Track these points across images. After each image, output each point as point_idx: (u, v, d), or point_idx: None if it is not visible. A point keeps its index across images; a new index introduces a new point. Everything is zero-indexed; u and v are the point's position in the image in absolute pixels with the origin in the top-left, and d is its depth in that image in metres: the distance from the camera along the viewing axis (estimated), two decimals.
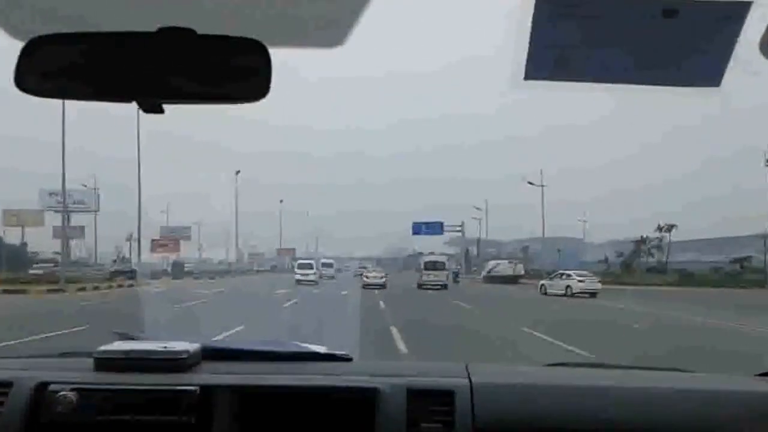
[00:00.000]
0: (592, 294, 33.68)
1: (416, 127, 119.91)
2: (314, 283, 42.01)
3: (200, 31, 1.27)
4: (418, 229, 71.56)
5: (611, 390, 1.85)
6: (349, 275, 62.40)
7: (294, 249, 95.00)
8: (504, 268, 60.71)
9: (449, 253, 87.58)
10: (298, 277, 43.18)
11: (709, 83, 1.29)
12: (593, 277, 36.77)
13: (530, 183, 60.06)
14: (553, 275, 39.02)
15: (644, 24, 1.24)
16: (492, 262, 64.73)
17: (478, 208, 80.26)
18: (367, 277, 39.12)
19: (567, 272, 37.63)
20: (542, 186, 60.09)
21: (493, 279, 57.90)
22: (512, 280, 55.54)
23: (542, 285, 37.68)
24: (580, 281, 35.50)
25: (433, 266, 40.70)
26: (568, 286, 35.13)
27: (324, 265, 56.00)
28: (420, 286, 38.33)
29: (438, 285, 38.20)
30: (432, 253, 51.38)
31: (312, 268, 45.59)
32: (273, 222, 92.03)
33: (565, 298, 32.63)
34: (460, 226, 75.48)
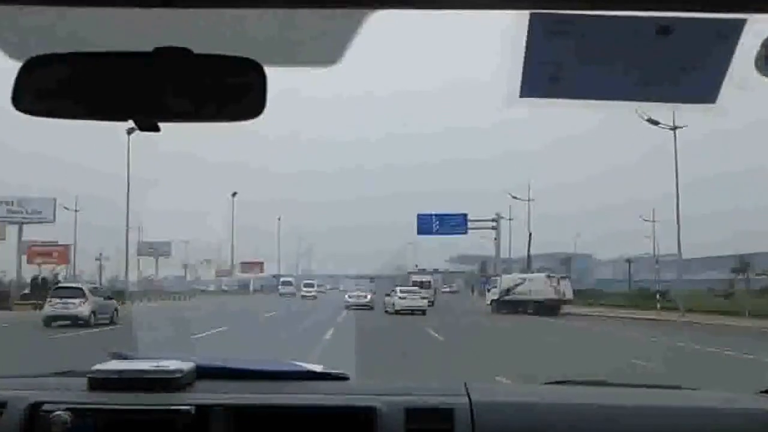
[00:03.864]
0: (422, 312, 31.98)
1: (414, 142, 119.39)
2: (315, 298, 52.01)
3: (196, 50, 1.28)
4: (426, 225, 49.86)
5: (613, 408, 1.84)
6: (326, 300, 48.47)
7: (262, 263, 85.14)
8: (536, 287, 36.44)
9: (461, 271, 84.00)
10: (302, 293, 54.97)
11: (705, 99, 1.29)
12: (416, 294, 34.58)
13: (654, 122, 32.31)
14: (390, 291, 36.76)
15: (639, 41, 1.24)
16: (509, 278, 40.52)
17: (515, 197, 54.84)
18: (350, 297, 39.53)
19: (396, 287, 36.78)
20: (675, 128, 34.21)
21: (511, 306, 36.02)
22: (549, 308, 33.99)
23: (384, 302, 36.05)
24: (401, 298, 33.48)
25: (419, 285, 44.09)
26: (393, 303, 33.58)
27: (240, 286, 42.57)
28: None
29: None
30: (420, 272, 56.68)
31: (313, 287, 57.57)
32: (257, 237, 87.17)
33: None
34: (492, 220, 53.64)
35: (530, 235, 55.25)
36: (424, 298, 34.80)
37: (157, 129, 1.34)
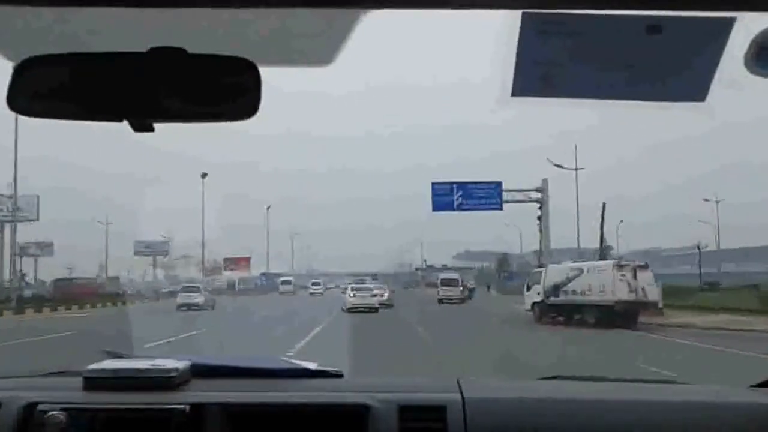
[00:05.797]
0: (376, 310, 31.42)
1: (413, 141, 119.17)
2: (321, 294, 57.69)
3: (191, 50, 1.29)
4: (445, 198, 38.25)
5: (606, 403, 1.85)
6: (327, 299, 45.12)
7: (249, 258, 77.80)
8: (599, 281, 22.93)
9: (469, 267, 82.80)
10: (311, 291, 60.62)
11: (695, 98, 1.30)
12: (367, 292, 33.54)
13: None
14: (343, 289, 37.39)
15: (629, 40, 1.25)
16: (557, 269, 26.52)
17: (558, 165, 41.15)
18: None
19: (348, 285, 37.97)
20: None
21: (563, 312, 23.99)
22: (622, 316, 21.45)
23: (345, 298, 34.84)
24: (352, 296, 32.91)
25: (448, 283, 45.80)
26: (345, 302, 32.95)
27: None
28: (440, 301, 42.51)
29: (454, 299, 42.60)
30: (448, 270, 58.25)
31: (320, 285, 63.38)
32: (247, 237, 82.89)
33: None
34: (538, 190, 39.53)
35: (603, 205, 39.64)
36: (374, 296, 33.53)
37: (151, 129, 1.35)
